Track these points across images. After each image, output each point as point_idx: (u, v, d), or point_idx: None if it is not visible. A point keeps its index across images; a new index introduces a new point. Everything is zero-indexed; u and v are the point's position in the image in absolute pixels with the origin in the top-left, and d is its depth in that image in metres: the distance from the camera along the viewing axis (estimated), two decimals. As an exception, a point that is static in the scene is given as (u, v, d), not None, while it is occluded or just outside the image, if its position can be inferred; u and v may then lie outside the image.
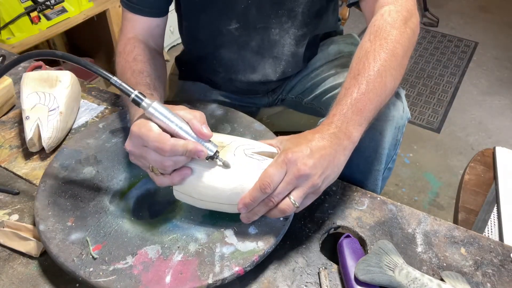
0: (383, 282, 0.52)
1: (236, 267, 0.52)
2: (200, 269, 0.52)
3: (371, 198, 0.66)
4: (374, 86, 0.56)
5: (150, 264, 0.52)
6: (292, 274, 0.56)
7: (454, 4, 3.08)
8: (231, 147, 0.56)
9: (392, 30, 0.60)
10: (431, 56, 2.54)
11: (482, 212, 0.82)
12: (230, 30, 0.80)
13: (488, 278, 0.56)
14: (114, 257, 0.53)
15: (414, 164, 1.83)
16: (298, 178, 0.50)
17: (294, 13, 0.79)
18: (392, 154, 0.75)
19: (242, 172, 0.53)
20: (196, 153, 0.51)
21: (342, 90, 0.58)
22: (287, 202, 0.51)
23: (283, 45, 0.82)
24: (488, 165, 0.93)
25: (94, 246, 0.54)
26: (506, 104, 2.18)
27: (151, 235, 0.56)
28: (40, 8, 1.47)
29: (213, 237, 0.56)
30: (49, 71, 0.80)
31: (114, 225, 0.58)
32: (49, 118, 0.72)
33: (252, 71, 0.85)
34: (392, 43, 0.59)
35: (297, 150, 0.51)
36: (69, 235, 0.55)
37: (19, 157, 0.72)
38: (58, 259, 0.52)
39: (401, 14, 0.62)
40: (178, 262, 0.53)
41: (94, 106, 0.84)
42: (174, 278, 0.51)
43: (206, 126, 0.52)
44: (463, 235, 0.62)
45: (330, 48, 0.91)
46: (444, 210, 1.62)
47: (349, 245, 0.57)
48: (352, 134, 0.54)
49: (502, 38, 2.72)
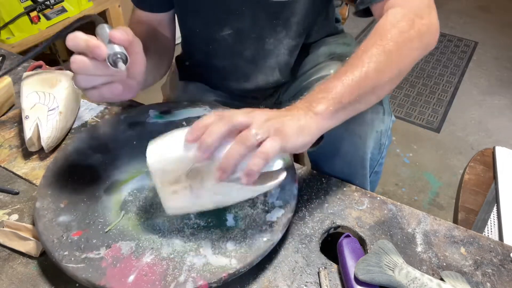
0: (383, 281, 0.52)
1: (201, 281, 0.50)
2: (165, 275, 0.51)
3: (371, 198, 0.66)
4: (354, 77, 0.54)
5: (119, 260, 0.53)
6: (292, 274, 0.56)
7: (454, 3, 3.08)
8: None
9: (392, 29, 0.58)
10: (430, 56, 2.54)
11: (482, 211, 0.82)
12: (223, 36, 0.79)
13: (488, 278, 0.56)
14: (90, 246, 0.54)
15: (414, 164, 1.83)
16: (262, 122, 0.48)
17: (289, 23, 0.77)
18: (377, 158, 0.74)
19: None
20: (93, 48, 0.49)
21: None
22: (248, 132, 0.47)
23: (277, 55, 0.81)
24: (488, 165, 0.93)
25: (76, 231, 0.56)
26: (506, 104, 2.18)
27: (130, 231, 0.57)
28: (39, 8, 1.47)
29: (189, 245, 0.55)
30: (49, 71, 0.80)
31: (100, 215, 0.59)
32: (48, 117, 0.72)
33: (245, 80, 0.84)
34: (386, 40, 0.57)
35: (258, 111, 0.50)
36: (58, 216, 0.58)
37: (19, 157, 0.72)
38: (41, 237, 0.55)
39: (407, 16, 0.59)
40: (147, 264, 0.52)
41: (94, 105, 0.84)
42: (137, 278, 0.50)
43: (122, 32, 0.51)
44: (463, 235, 0.62)
45: (320, 50, 0.88)
46: (444, 210, 1.63)
47: (349, 245, 0.57)
48: (312, 105, 0.52)
49: (502, 38, 2.72)
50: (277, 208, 0.59)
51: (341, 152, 0.55)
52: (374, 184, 0.80)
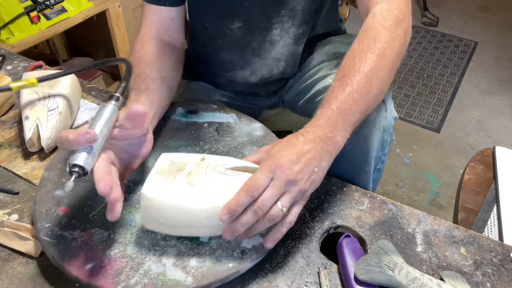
0: (383, 281, 0.52)
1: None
2: (120, 273, 0.51)
3: (371, 198, 0.66)
4: (359, 88, 0.55)
5: (88, 246, 0.54)
6: (292, 274, 0.56)
7: (454, 3, 3.08)
8: (202, 166, 0.54)
9: (382, 29, 0.59)
10: (430, 56, 2.54)
11: (482, 211, 0.82)
12: (232, 29, 0.79)
13: (487, 278, 0.56)
14: (69, 225, 0.56)
15: (414, 164, 1.83)
16: (286, 184, 0.49)
17: (295, 11, 0.78)
18: (380, 155, 0.75)
19: (214, 190, 0.51)
20: (65, 142, 0.47)
21: (328, 92, 0.57)
22: (276, 209, 0.48)
23: (283, 45, 0.82)
24: (488, 165, 0.93)
25: (64, 207, 0.58)
26: (506, 104, 2.18)
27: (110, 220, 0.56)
28: (39, 8, 1.46)
29: (155, 249, 0.54)
30: (49, 71, 0.80)
31: (90, 198, 0.60)
32: (48, 118, 0.71)
33: (251, 73, 0.85)
34: (380, 44, 0.58)
35: (283, 155, 0.50)
36: (55, 189, 0.61)
37: (19, 157, 0.72)
38: (34, 206, 0.58)
39: (393, 13, 0.61)
40: (109, 256, 0.53)
41: (94, 106, 0.84)
42: (94, 268, 0.51)
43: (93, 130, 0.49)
44: (463, 235, 0.62)
45: (325, 48, 0.89)
46: (444, 210, 1.63)
47: (349, 244, 0.57)
48: (336, 139, 0.53)
49: (502, 38, 2.71)
50: (258, 236, 0.55)
51: (345, 152, 0.55)
52: (376, 182, 0.80)
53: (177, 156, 0.56)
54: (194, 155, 0.56)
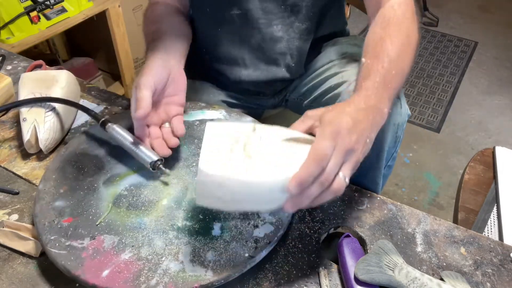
0: (383, 281, 0.52)
1: (172, 287, 0.50)
2: (138, 275, 0.51)
3: (371, 198, 0.66)
4: (396, 66, 0.57)
5: (99, 252, 0.53)
6: (292, 274, 0.56)
7: (454, 3, 3.08)
8: (256, 137, 0.51)
9: (404, 20, 0.62)
10: (430, 56, 2.54)
11: (482, 211, 0.82)
12: (232, 16, 0.79)
13: (487, 278, 0.56)
14: (76, 234, 0.55)
15: (414, 164, 1.83)
16: (346, 152, 0.46)
17: (298, 7, 0.79)
18: (392, 152, 0.75)
19: (275, 162, 0.47)
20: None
21: (363, 70, 0.57)
22: (340, 181, 0.46)
23: (287, 40, 0.82)
24: (488, 164, 0.93)
25: (67, 218, 0.57)
26: (506, 104, 2.18)
27: (117, 225, 0.57)
28: (39, 8, 1.46)
29: (169, 248, 0.54)
30: (47, 71, 0.80)
31: (93, 205, 0.60)
32: (45, 119, 0.71)
33: (254, 69, 0.85)
34: (405, 31, 0.61)
35: (342, 122, 0.47)
36: (55, 201, 0.60)
37: (19, 157, 0.72)
38: (35, 219, 0.57)
39: (410, 6, 0.64)
40: (124, 261, 0.53)
41: (94, 105, 0.84)
42: (111, 274, 0.51)
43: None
44: (463, 235, 0.62)
45: (333, 49, 0.89)
46: (444, 209, 1.63)
47: (349, 245, 0.57)
48: (383, 111, 0.53)
49: (502, 38, 2.72)
50: (268, 224, 0.57)
51: None
52: (385, 178, 0.79)
53: (226, 126, 0.53)
54: (244, 125, 0.53)
